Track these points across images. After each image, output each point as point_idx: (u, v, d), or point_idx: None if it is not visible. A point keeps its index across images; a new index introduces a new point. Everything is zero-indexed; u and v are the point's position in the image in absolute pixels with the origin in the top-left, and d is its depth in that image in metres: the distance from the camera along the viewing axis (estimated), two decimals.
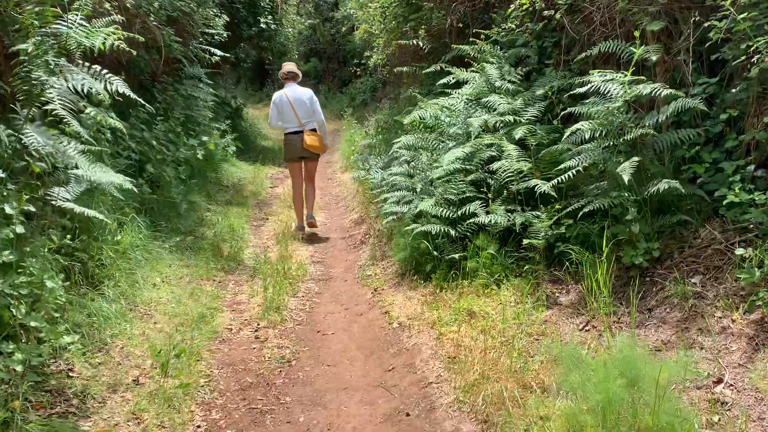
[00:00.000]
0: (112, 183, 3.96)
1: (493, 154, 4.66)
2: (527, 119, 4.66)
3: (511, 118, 4.62)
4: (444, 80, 5.45)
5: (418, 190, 5.08)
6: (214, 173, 8.61)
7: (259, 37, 11.96)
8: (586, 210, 3.70)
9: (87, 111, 4.75)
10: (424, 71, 6.29)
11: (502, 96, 4.86)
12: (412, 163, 5.39)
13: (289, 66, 6.98)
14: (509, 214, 4.33)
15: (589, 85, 3.82)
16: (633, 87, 3.69)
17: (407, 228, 4.82)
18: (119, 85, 3.66)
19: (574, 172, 3.78)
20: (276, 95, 6.76)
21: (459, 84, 5.61)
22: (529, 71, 5.31)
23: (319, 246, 6.62)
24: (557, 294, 3.94)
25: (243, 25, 11.52)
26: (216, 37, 10.63)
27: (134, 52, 4.18)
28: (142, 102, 4.20)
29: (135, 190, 4.55)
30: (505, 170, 4.32)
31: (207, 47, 9.84)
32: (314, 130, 6.74)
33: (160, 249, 5.31)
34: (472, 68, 5.39)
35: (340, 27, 18.81)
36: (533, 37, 5.20)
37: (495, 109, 4.82)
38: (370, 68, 15.61)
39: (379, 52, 11.53)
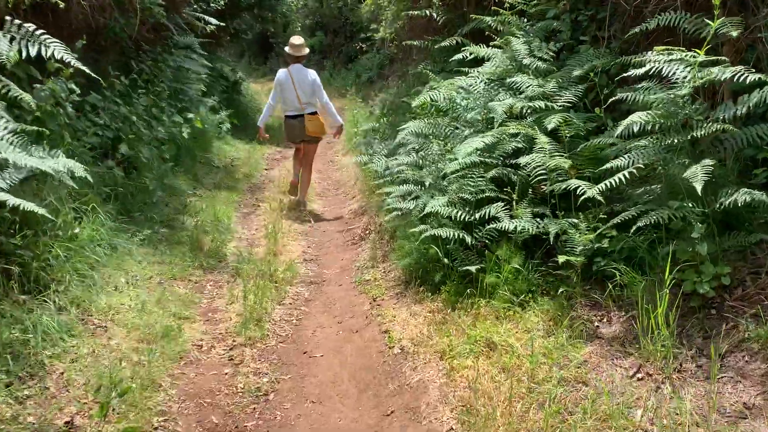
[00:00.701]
0: (55, 169, 3.20)
1: (520, 145, 3.88)
2: (561, 105, 3.86)
3: (541, 103, 3.82)
4: (459, 56, 4.63)
5: (428, 184, 4.30)
6: (204, 153, 7.83)
7: (259, 7, 11.07)
8: (641, 224, 2.92)
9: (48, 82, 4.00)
10: (436, 45, 5.46)
11: (530, 76, 4.05)
12: (421, 152, 4.60)
13: (296, 41, 6.49)
14: (538, 219, 3.56)
15: (648, 66, 3.01)
16: (705, 70, 2.89)
17: (414, 230, 4.06)
18: (58, 49, 2.88)
19: (627, 175, 3.00)
20: (281, 73, 6.50)
21: (477, 61, 4.79)
22: (560, 48, 4.49)
23: (314, 240, 5.86)
24: (597, 323, 3.19)
25: None
26: (212, 4, 9.78)
27: (61, 4, 3.37)
28: (89, 71, 3.38)
29: (90, 177, 3.80)
30: (536, 166, 3.54)
31: (201, 15, 9.01)
32: (314, 113, 6.47)
33: (128, 243, 4.56)
34: (494, 43, 4.58)
35: None
36: (568, 7, 4.36)
37: (522, 92, 4.02)
38: (377, 43, 14.69)
39: (387, 26, 10.66)
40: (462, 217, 3.76)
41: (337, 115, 6.64)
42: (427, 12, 5.35)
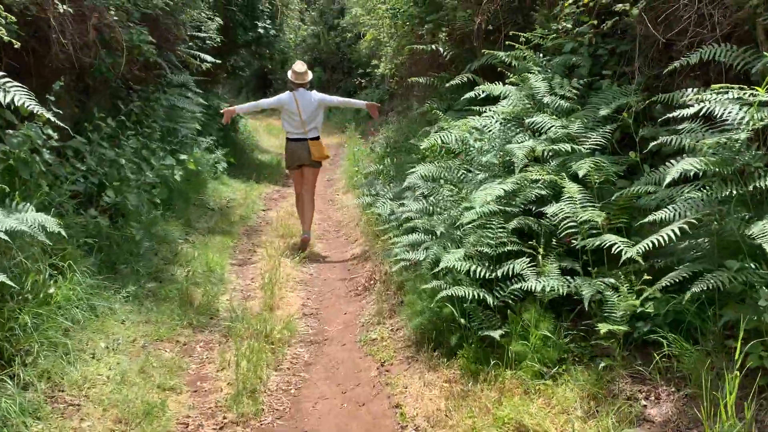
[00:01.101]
0: (17, 228, 2.79)
1: (543, 192, 3.48)
2: (588, 148, 3.48)
3: (567, 146, 3.44)
4: (471, 94, 4.27)
5: (439, 233, 3.90)
6: (198, 194, 7.43)
7: (257, 44, 10.84)
8: (696, 289, 2.50)
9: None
10: (446, 84, 5.11)
11: (552, 116, 3.68)
12: (431, 197, 4.21)
13: (299, 68, 6.33)
14: (567, 278, 3.14)
15: (697, 106, 2.63)
16: (765, 110, 2.51)
17: (426, 286, 3.63)
18: (19, 95, 2.50)
19: (677, 231, 2.59)
20: (286, 95, 6.36)
21: (490, 100, 4.43)
22: (583, 84, 4.13)
23: (314, 290, 5.43)
24: (644, 401, 2.74)
25: (239, 30, 10.40)
26: (208, 42, 9.52)
27: (16, 44, 3.02)
28: (49, 116, 2.98)
29: (64, 232, 3.39)
30: (564, 218, 3.14)
31: (196, 53, 8.74)
32: (317, 138, 6.39)
33: (110, 302, 4.13)
34: (510, 80, 4.22)
35: (346, 35, 17.71)
36: (591, 41, 4.01)
37: (543, 134, 3.65)
38: (376, 79, 14.49)
39: (387, 61, 10.41)
40: (481, 273, 3.34)
41: (358, 100, 6.86)
42: (433, 47, 5.02)
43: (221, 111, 6.93)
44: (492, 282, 3.38)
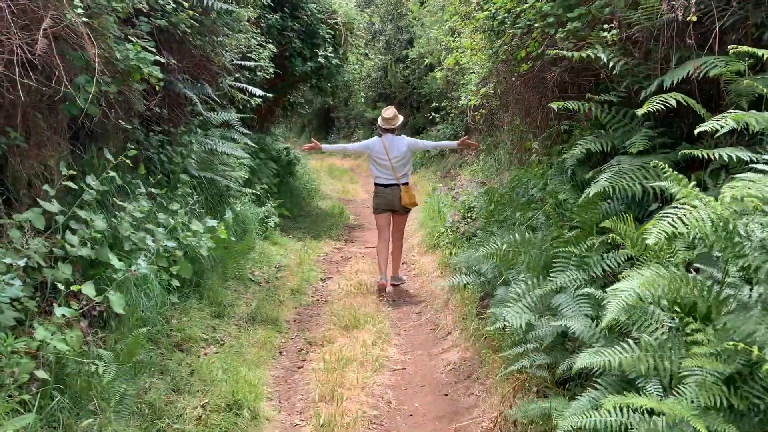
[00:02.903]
0: None
1: None
2: None
3: None
4: (707, 126, 2.22)
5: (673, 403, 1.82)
6: (239, 263, 5.60)
7: (317, 76, 9.15)
8: None
9: None
10: (613, 112, 3.08)
11: None
12: (638, 325, 2.14)
13: (388, 114, 6.06)
14: None
15: None
16: None
17: None
18: None
19: None
20: (375, 140, 6.09)
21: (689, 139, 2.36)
22: None
23: (392, 423, 3.42)
24: None
25: (296, 60, 8.76)
26: (260, 73, 7.88)
27: None
28: None
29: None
30: None
31: (243, 85, 7.09)
32: (407, 184, 6.05)
33: None
34: None
35: (415, 68, 16.00)
36: None
37: None
38: (453, 113, 12.60)
39: (473, 89, 8.48)
40: None
41: (448, 141, 6.67)
42: (590, 53, 3.01)
43: (304, 148, 6.56)
44: None
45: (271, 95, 7.73)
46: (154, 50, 3.77)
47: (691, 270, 2.11)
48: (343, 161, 19.03)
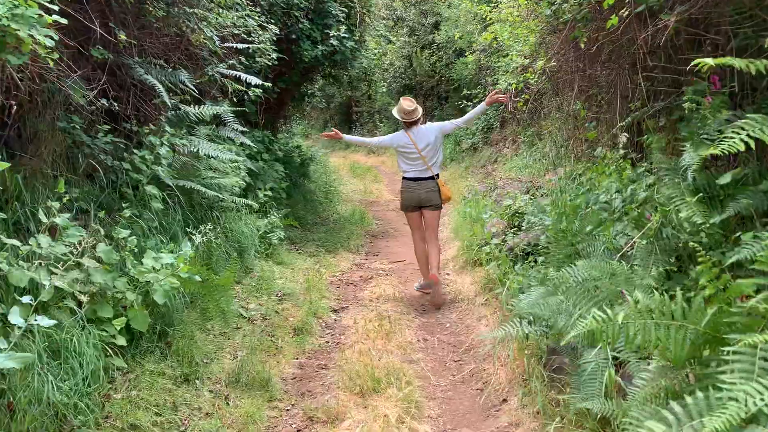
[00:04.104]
0: None
1: None
2: None
3: None
4: None
5: None
6: (223, 297, 4.29)
7: (329, 61, 7.80)
8: None
9: None
10: None
11: None
12: None
13: (407, 106, 5.25)
14: None
15: None
16: None
17: None
18: None
19: None
20: (399, 133, 5.38)
21: None
22: None
23: None
24: None
25: (305, 43, 7.43)
26: (259, 59, 6.59)
27: None
28: None
29: None
30: None
31: (236, 73, 5.81)
32: (437, 176, 5.34)
33: None
34: None
35: (442, 54, 14.53)
36: None
37: None
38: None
39: (517, 68, 7.08)
40: None
41: (476, 110, 5.32)
42: None
43: (322, 135, 5.84)
44: None
45: (272, 85, 6.44)
46: (55, 8, 2.47)
47: None
48: (367, 158, 17.70)
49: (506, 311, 4.05)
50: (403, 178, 5.42)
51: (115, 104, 3.73)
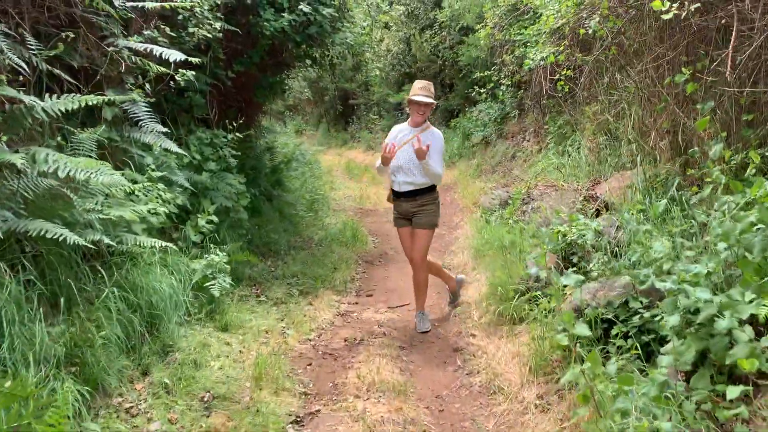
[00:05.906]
0: None
1: None
2: None
3: None
4: None
5: None
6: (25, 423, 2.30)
7: (301, 36, 5.72)
8: None
9: None
10: None
11: None
12: None
13: (418, 92, 4.07)
14: None
15: None
16: None
17: None
18: None
19: None
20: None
21: None
22: None
23: None
24: None
25: (266, 11, 5.38)
26: (193, 29, 4.60)
27: None
28: None
29: None
30: None
31: (150, 45, 3.78)
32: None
33: None
34: None
35: (446, 34, 12.43)
36: None
37: None
38: (504, 85, 9.01)
39: (549, 38, 5.03)
40: None
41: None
42: None
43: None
44: None
45: (225, 69, 4.42)
46: None
47: None
48: (365, 155, 15.63)
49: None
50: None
51: None
